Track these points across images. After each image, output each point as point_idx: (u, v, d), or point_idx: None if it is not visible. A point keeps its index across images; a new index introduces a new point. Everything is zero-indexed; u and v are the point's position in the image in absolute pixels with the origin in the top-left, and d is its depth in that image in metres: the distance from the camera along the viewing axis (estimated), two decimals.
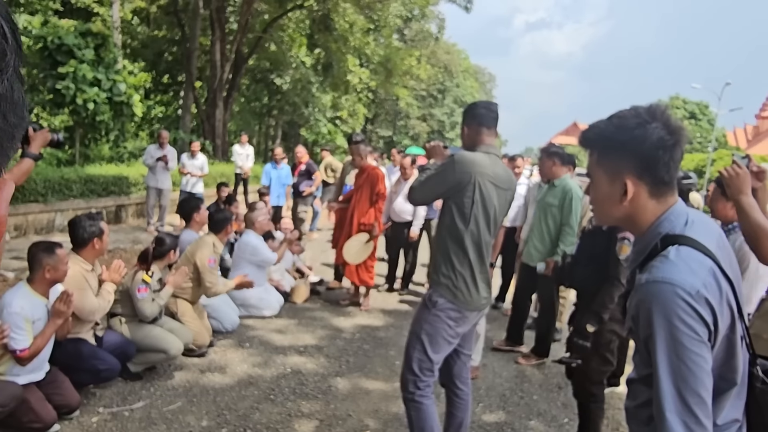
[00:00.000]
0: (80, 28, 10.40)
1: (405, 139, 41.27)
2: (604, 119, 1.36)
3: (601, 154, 1.35)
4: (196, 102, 17.34)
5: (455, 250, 2.61)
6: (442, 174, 2.61)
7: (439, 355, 2.67)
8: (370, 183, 5.80)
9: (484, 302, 2.70)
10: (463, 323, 2.66)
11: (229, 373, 4.06)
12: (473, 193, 2.55)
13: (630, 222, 1.36)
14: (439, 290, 2.62)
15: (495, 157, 2.69)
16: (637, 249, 1.38)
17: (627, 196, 1.29)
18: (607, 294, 3.02)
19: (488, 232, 2.64)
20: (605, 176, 1.34)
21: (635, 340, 1.31)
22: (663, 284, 1.17)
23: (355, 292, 6.13)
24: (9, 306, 2.87)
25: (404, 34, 34.48)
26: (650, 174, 1.27)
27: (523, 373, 4.62)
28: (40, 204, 7.79)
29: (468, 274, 2.60)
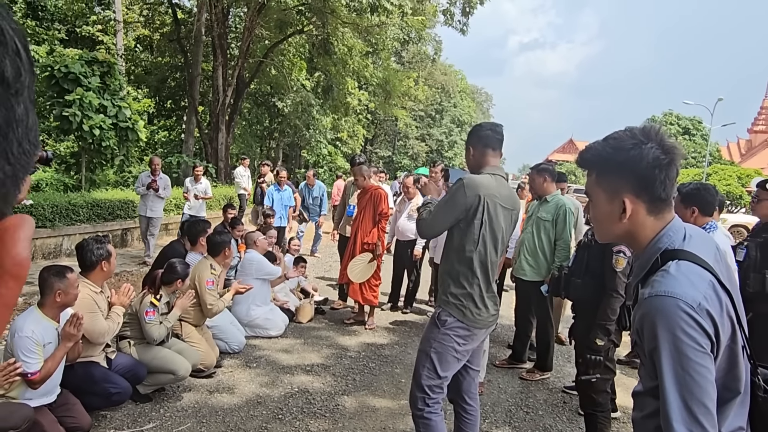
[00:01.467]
0: (86, 57, 10.61)
1: (404, 158, 41.57)
2: (600, 140, 1.42)
3: (600, 175, 1.40)
4: (199, 126, 17.55)
5: (464, 271, 2.67)
6: (453, 200, 2.65)
7: (448, 373, 2.72)
8: (373, 203, 5.90)
9: (491, 319, 2.76)
10: (472, 340, 2.72)
11: (237, 393, 4.10)
12: (482, 215, 2.62)
13: (630, 238, 1.41)
14: (448, 309, 2.68)
15: (500, 178, 2.77)
16: (638, 264, 1.43)
17: (626, 214, 1.34)
18: (608, 306, 3.12)
19: (495, 252, 2.71)
20: (604, 195, 1.39)
21: (640, 353, 1.35)
22: (665, 298, 1.21)
23: (359, 311, 6.18)
24: (20, 330, 2.93)
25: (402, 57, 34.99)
26: (647, 192, 1.32)
27: (527, 388, 4.66)
28: (48, 229, 7.88)
29: (476, 293, 2.66)
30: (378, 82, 23.66)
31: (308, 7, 15.96)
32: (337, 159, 25.11)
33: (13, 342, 2.96)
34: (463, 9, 21.05)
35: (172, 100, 22.77)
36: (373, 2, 13.24)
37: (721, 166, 29.14)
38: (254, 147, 24.87)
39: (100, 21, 19.91)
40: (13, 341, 2.96)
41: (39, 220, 7.71)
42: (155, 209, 8.40)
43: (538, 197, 4.89)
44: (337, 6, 14.23)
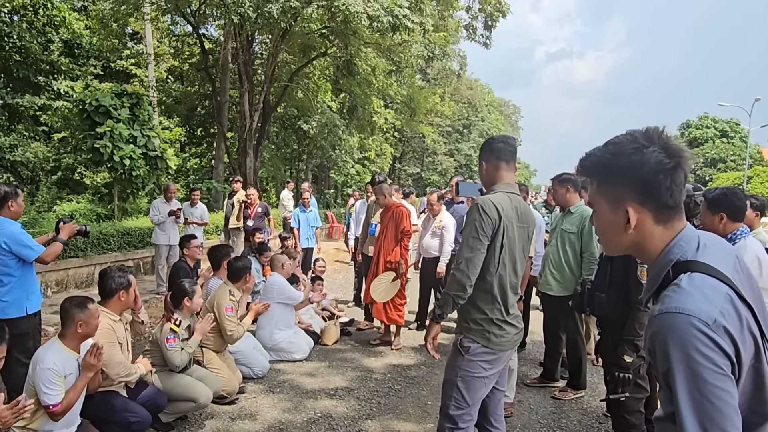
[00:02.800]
0: (115, 90, 10.96)
1: (433, 175, 41.45)
2: (600, 146, 1.33)
3: (601, 183, 1.32)
4: (228, 152, 17.88)
5: (483, 297, 2.60)
6: (478, 225, 2.52)
7: (477, 400, 2.64)
8: (395, 221, 5.83)
9: (516, 338, 2.69)
10: (498, 363, 2.64)
11: (259, 419, 4.04)
12: (502, 238, 2.55)
13: (638, 250, 1.31)
14: (471, 336, 2.60)
15: (515, 196, 2.68)
16: (650, 278, 1.32)
17: (631, 224, 1.25)
18: (635, 321, 2.98)
19: (514, 273, 2.66)
20: (606, 205, 1.31)
21: (655, 375, 1.25)
22: (677, 315, 1.10)
23: (385, 331, 6.08)
24: (42, 362, 2.94)
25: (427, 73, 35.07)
26: (653, 200, 1.23)
27: (560, 408, 4.46)
28: (80, 259, 8.07)
29: (498, 317, 2.59)
30: (403, 100, 23.74)
31: (331, 30, 16.16)
32: (365, 178, 25.21)
33: (34, 374, 2.98)
34: (485, 23, 21.05)
35: (201, 127, 23.36)
36: (394, 21, 13.30)
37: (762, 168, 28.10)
38: (283, 170, 25.21)
39: (132, 55, 20.63)
40: (34, 373, 2.98)
41: (71, 249, 7.91)
42: (175, 236, 8.13)
43: (562, 208, 4.74)
44: (359, 27, 14.35)
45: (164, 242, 8.12)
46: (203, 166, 22.40)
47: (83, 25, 18.62)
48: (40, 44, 15.11)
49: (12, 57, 14.18)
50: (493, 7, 20.25)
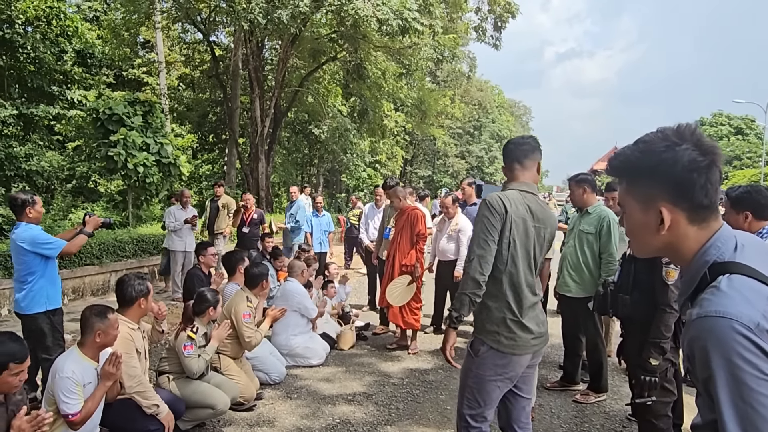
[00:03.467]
0: (128, 98, 11.05)
1: (445, 177, 41.36)
2: (629, 145, 1.28)
3: (631, 183, 1.26)
4: (240, 158, 17.97)
5: (492, 295, 2.55)
6: (486, 221, 2.51)
7: (490, 402, 2.59)
8: (410, 224, 5.78)
9: (534, 342, 2.56)
10: (512, 367, 2.55)
11: (277, 426, 4.01)
12: (509, 233, 2.51)
13: (672, 252, 1.25)
14: (481, 337, 2.57)
15: (530, 195, 2.63)
16: (685, 281, 1.27)
17: (664, 225, 1.20)
18: (661, 323, 2.92)
19: (529, 271, 2.57)
20: (637, 205, 1.25)
21: (695, 382, 1.19)
22: (717, 318, 1.05)
23: (401, 335, 6.03)
24: (61, 371, 2.94)
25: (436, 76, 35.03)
26: (686, 199, 1.18)
27: (582, 412, 4.38)
28: (96, 266, 8.11)
29: (509, 317, 2.52)
30: (413, 103, 23.74)
31: (340, 35, 16.21)
32: (376, 181, 25.21)
33: (53, 383, 2.97)
34: (495, 24, 21.01)
35: (213, 134, 23.51)
36: (403, 24, 13.30)
37: None
38: (294, 175, 25.27)
39: (144, 63, 20.83)
40: (53, 382, 2.97)
41: (87, 257, 7.95)
42: (191, 243, 8.11)
43: (579, 209, 4.67)
44: (369, 31, 14.38)
45: (180, 249, 8.10)
46: (215, 172, 22.52)
47: (95, 35, 18.84)
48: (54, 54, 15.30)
49: (26, 67, 14.37)
50: (503, 8, 20.20)
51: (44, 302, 4.06)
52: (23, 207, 4.03)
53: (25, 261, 4.03)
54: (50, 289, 4.11)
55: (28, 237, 3.98)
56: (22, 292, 4.06)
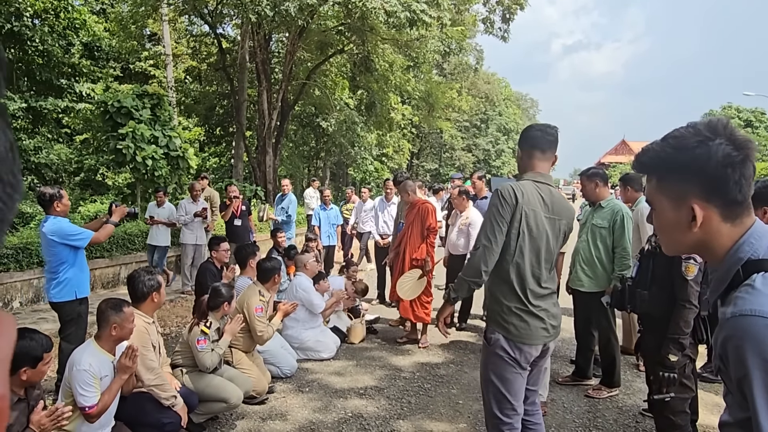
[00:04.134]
0: (136, 91, 11.04)
1: (451, 170, 41.26)
2: (658, 140, 1.25)
3: (661, 179, 1.23)
4: (247, 150, 17.94)
5: (499, 284, 2.56)
6: (495, 211, 2.51)
7: (514, 392, 2.57)
8: (421, 218, 5.76)
9: (545, 333, 2.55)
10: (524, 356, 2.54)
11: (290, 419, 4.01)
12: (519, 224, 2.49)
13: (703, 249, 1.22)
14: (492, 326, 2.58)
15: (544, 186, 2.59)
16: (716, 278, 1.24)
17: (696, 222, 1.17)
18: (681, 319, 2.88)
19: (537, 263, 2.54)
20: (668, 202, 1.22)
21: (726, 381, 1.17)
22: (753, 318, 1.03)
23: (412, 329, 6.02)
24: (78, 364, 2.94)
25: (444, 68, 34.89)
26: (720, 195, 1.15)
27: (595, 407, 4.36)
28: (106, 259, 8.15)
29: (517, 307, 2.51)
30: (420, 96, 23.62)
31: (348, 27, 16.12)
32: (383, 175, 25.16)
33: (70, 375, 2.98)
34: (503, 16, 20.81)
35: (220, 127, 23.48)
36: (411, 16, 13.20)
37: None
38: (302, 168, 25.26)
39: (151, 56, 20.79)
40: (70, 374, 2.98)
41: (97, 250, 7.98)
42: (202, 236, 8.19)
43: (591, 203, 4.63)
44: (376, 23, 14.28)
45: (191, 242, 8.14)
46: (223, 165, 22.54)
47: (102, 27, 18.82)
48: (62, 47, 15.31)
49: (35, 60, 14.39)
50: (511, 0, 20.00)
51: (74, 291, 4.25)
52: (51, 201, 4.19)
53: (55, 253, 4.19)
54: (80, 276, 4.30)
55: (58, 230, 4.14)
56: (53, 282, 4.23)
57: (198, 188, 8.37)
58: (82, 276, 4.32)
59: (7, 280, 6.88)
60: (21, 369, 2.52)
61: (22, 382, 2.58)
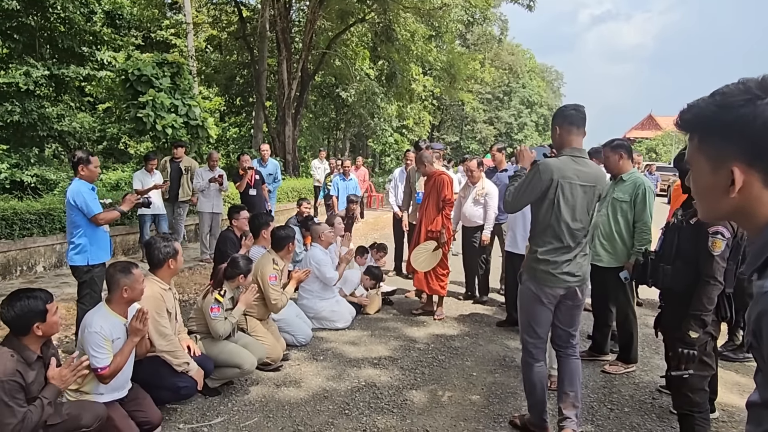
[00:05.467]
0: (156, 59, 11.01)
1: (472, 143, 40.79)
2: (705, 96, 1.15)
3: (702, 139, 1.14)
4: (267, 121, 17.91)
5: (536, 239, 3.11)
6: (531, 183, 3.05)
7: (538, 322, 3.17)
8: (437, 189, 5.67)
9: (567, 278, 3.05)
10: (546, 295, 3.10)
11: (303, 387, 4.04)
12: (555, 192, 2.99)
13: (741, 217, 1.14)
14: (524, 269, 3.21)
15: (581, 159, 3.07)
16: (754, 250, 1.15)
17: (735, 187, 1.08)
18: (705, 295, 2.79)
19: (572, 221, 3.03)
20: (707, 164, 1.13)
21: (758, 359, 1.09)
22: None
23: (428, 301, 6.00)
24: (90, 326, 2.98)
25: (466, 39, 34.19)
26: (763, 160, 1.05)
27: (611, 382, 4.31)
28: (127, 226, 8.25)
29: (545, 258, 3.05)
30: (442, 66, 23.23)
31: None
32: (403, 147, 24.97)
33: (83, 337, 3.03)
34: None
35: (240, 97, 23.44)
36: None
37: None
38: (321, 139, 25.18)
39: (172, 25, 20.71)
40: (83, 336, 3.03)
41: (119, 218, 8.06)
42: (219, 204, 8.24)
43: (613, 176, 4.48)
44: None
45: (207, 210, 8.18)
46: (242, 135, 22.56)
47: None
48: (83, 15, 15.27)
49: (57, 28, 14.40)
50: None
51: (87, 257, 4.32)
52: (77, 164, 4.37)
53: (71, 215, 4.32)
54: (94, 243, 4.36)
55: (75, 192, 4.26)
56: (70, 245, 4.36)
57: (216, 158, 8.36)
58: (96, 243, 4.38)
59: (31, 245, 7.02)
60: (33, 325, 2.56)
61: (38, 338, 2.62)
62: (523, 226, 5.10)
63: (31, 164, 11.72)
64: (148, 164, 7.83)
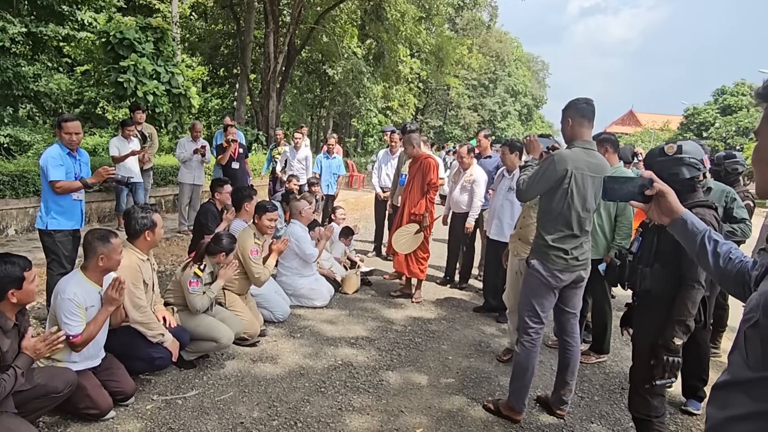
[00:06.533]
0: (140, 23, 10.69)
1: (455, 129, 40.77)
2: None
3: None
4: (251, 94, 17.61)
5: (547, 226, 3.20)
6: (546, 173, 3.14)
7: (541, 305, 3.26)
8: (422, 172, 5.66)
9: (575, 263, 3.20)
10: (554, 280, 3.21)
11: (280, 363, 4.03)
12: (568, 185, 3.10)
13: None
14: (534, 255, 3.28)
15: (591, 151, 3.19)
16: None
17: None
18: (689, 300, 2.68)
19: (582, 210, 3.16)
20: None
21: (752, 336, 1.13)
22: None
23: (406, 284, 6.02)
24: (63, 293, 2.92)
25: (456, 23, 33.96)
26: None
27: (582, 371, 4.38)
28: (103, 193, 8.07)
29: (557, 245, 3.17)
30: (431, 49, 23.09)
31: None
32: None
33: (55, 303, 2.96)
34: None
35: (224, 67, 22.96)
36: None
37: None
38: (305, 115, 24.88)
39: None
40: (55, 302, 2.96)
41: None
42: (200, 176, 8.12)
43: None
44: None
45: (188, 181, 8.05)
46: (225, 107, 22.17)
47: None
48: None
49: None
50: None
51: (45, 221, 4.20)
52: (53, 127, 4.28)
53: (42, 177, 4.23)
54: (53, 211, 4.21)
55: (44, 155, 4.17)
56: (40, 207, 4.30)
57: (199, 128, 8.19)
58: (59, 209, 4.21)
59: (3, 207, 6.82)
60: (8, 291, 2.49)
61: (13, 306, 2.55)
62: (510, 214, 5.12)
63: (4, 124, 11.33)
64: (125, 130, 7.48)
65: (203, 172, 8.24)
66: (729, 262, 1.53)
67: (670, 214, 1.65)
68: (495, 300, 5.47)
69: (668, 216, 1.66)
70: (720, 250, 1.55)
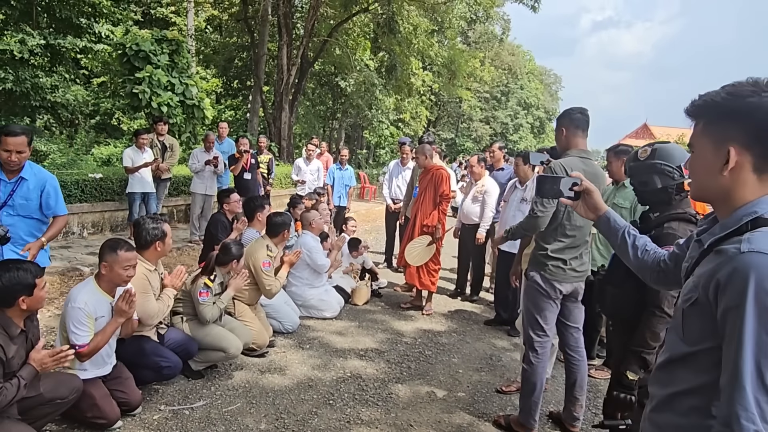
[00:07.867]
0: (156, 35, 10.84)
1: (467, 141, 40.75)
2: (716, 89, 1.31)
3: (708, 123, 1.29)
4: (264, 106, 17.75)
5: (547, 237, 3.17)
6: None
7: (545, 319, 3.22)
8: (434, 184, 5.63)
9: (574, 274, 3.18)
10: (555, 292, 3.18)
11: (288, 374, 4.00)
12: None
13: (723, 197, 1.28)
14: (533, 266, 3.25)
15: (587, 160, 3.15)
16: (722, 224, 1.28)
17: (728, 166, 1.23)
18: (648, 329, 2.34)
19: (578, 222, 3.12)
20: (710, 144, 1.27)
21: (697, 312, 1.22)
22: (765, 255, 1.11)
23: (417, 296, 5.97)
24: (74, 301, 2.91)
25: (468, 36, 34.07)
26: (759, 145, 1.20)
27: (596, 387, 4.31)
28: (116, 202, 8.13)
29: (558, 256, 3.15)
30: (443, 62, 23.13)
31: None
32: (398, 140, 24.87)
33: (66, 311, 2.96)
34: None
35: (238, 79, 23.23)
36: None
37: None
38: (317, 127, 25.02)
39: (172, 2, 20.43)
40: (66, 310, 2.96)
41: (107, 192, 7.96)
42: (212, 187, 8.11)
43: (615, 182, 4.46)
44: None
45: (200, 191, 8.07)
46: (238, 118, 22.35)
47: None
48: None
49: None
50: None
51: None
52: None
53: None
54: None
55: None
56: None
57: (212, 139, 8.23)
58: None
59: None
60: (19, 298, 2.49)
61: (22, 312, 2.54)
62: None
63: None
64: (139, 140, 7.52)
65: (215, 183, 8.24)
66: (645, 253, 1.68)
67: (595, 211, 1.80)
68: (506, 313, 5.41)
69: (593, 213, 1.80)
70: (638, 244, 1.70)
